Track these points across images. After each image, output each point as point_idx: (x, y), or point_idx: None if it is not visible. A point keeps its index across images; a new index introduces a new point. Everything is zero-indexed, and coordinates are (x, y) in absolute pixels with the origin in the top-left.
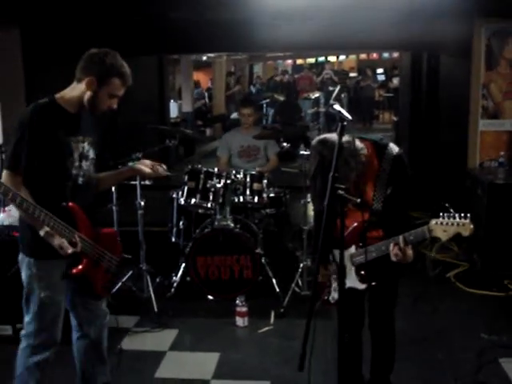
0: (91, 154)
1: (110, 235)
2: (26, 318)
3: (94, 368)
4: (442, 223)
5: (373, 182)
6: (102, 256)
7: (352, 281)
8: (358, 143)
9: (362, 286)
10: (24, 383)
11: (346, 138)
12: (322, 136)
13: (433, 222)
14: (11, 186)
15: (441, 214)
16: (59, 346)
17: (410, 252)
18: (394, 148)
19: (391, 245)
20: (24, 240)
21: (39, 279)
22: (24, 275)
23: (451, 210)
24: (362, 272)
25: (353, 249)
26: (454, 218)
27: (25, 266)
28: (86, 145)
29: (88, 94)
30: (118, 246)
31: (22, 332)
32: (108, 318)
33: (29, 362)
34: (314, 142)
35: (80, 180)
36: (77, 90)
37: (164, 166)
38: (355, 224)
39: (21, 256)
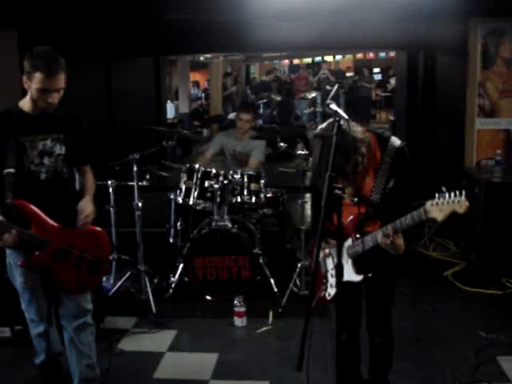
0: (57, 150)
1: (88, 233)
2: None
3: (77, 362)
4: (437, 203)
5: (374, 174)
6: (64, 252)
7: (348, 274)
8: (358, 128)
9: (359, 278)
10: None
11: (348, 121)
12: None
13: (428, 203)
14: None
15: (436, 194)
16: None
17: (399, 241)
18: (396, 141)
19: (380, 233)
20: None
21: (15, 267)
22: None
23: (443, 189)
24: (359, 263)
25: (349, 241)
26: (450, 196)
27: (5, 256)
28: (48, 142)
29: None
30: (100, 245)
31: None
32: (88, 317)
33: (33, 334)
34: (317, 129)
35: (43, 176)
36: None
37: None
38: (351, 217)
39: None
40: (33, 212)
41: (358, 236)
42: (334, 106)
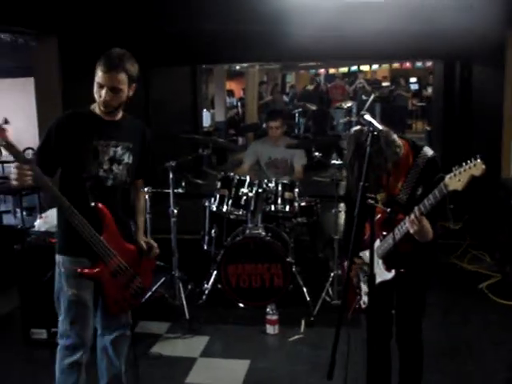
0: (126, 159)
1: (144, 259)
2: (59, 318)
3: (107, 369)
4: (455, 175)
5: (404, 179)
6: (123, 270)
7: (380, 274)
8: (394, 136)
9: (391, 275)
10: None
11: (383, 128)
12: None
13: (447, 177)
14: None
15: (453, 168)
16: (89, 348)
17: (427, 225)
18: (428, 150)
19: (406, 217)
20: (57, 239)
21: (67, 277)
22: (56, 274)
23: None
24: (389, 260)
25: (377, 242)
26: (466, 163)
27: (56, 265)
28: (119, 149)
29: None
30: (149, 273)
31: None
32: (127, 329)
33: (63, 365)
34: (351, 130)
35: (109, 182)
36: None
37: None
38: (377, 216)
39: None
40: (109, 220)
41: (384, 233)
42: (368, 117)
